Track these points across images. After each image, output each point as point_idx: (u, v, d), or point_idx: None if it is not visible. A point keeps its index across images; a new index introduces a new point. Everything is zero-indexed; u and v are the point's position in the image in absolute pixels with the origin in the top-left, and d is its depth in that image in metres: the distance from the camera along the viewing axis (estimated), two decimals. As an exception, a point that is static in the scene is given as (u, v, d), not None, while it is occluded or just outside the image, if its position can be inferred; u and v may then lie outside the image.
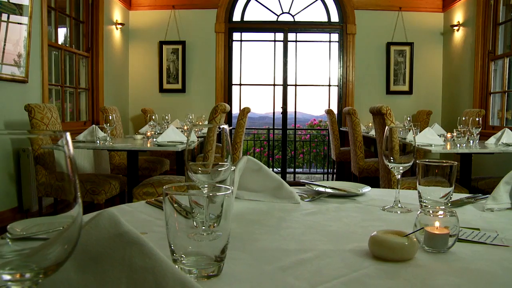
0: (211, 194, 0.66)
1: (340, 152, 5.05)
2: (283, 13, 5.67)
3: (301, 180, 1.30)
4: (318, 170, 6.74)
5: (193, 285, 0.44)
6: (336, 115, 5.33)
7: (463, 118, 3.08)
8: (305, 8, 5.66)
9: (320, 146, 6.99)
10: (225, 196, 0.63)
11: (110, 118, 2.91)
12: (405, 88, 5.60)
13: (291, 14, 5.67)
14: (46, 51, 3.79)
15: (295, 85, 5.75)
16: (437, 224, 0.74)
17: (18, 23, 3.35)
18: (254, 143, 7.11)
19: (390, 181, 2.93)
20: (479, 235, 0.84)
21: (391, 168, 1.05)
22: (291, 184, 1.16)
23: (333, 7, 5.60)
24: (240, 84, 5.79)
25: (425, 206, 1.06)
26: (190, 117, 4.38)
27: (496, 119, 4.65)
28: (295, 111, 5.78)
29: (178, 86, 5.63)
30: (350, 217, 0.97)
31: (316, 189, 1.22)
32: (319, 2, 5.63)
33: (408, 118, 4.05)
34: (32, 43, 3.51)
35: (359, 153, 4.02)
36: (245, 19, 5.67)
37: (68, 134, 0.37)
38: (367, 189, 1.25)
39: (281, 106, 5.72)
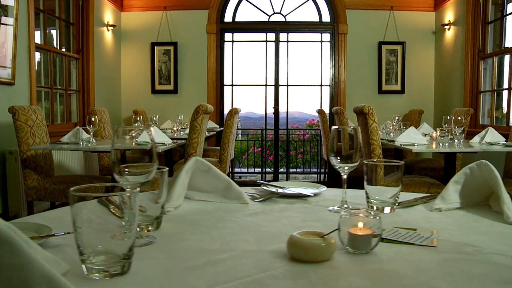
0: (112, 194, 0.66)
1: (331, 152, 5.03)
2: (274, 13, 5.67)
3: (258, 181, 1.30)
4: (312, 170, 6.73)
5: (60, 281, 0.45)
6: (328, 115, 5.32)
7: (448, 117, 3.07)
8: (296, 8, 5.65)
9: (317, 146, 6.98)
10: (131, 196, 0.63)
11: (93, 119, 2.91)
12: (397, 87, 5.58)
13: (282, 14, 5.67)
14: (34, 53, 3.80)
15: (287, 85, 5.74)
16: (360, 225, 0.74)
17: (4, 24, 3.36)
18: (248, 144, 7.11)
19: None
20: (412, 236, 0.83)
21: (338, 168, 1.04)
22: (243, 184, 1.16)
23: (325, 7, 5.60)
24: (232, 85, 5.79)
25: (371, 206, 1.06)
26: (179, 117, 4.38)
27: (487, 118, 4.63)
28: (287, 111, 5.78)
29: (170, 87, 5.63)
30: (291, 217, 0.97)
31: (270, 189, 1.22)
32: (310, 2, 5.62)
33: (397, 117, 4.03)
34: (18, 45, 3.52)
35: (347, 153, 4.00)
36: (237, 19, 5.68)
37: None
38: (322, 189, 1.25)
39: (273, 106, 5.72)
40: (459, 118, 2.89)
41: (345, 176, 1.04)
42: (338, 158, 1.03)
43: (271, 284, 0.58)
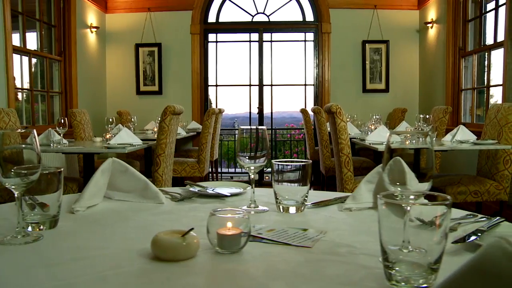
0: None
1: (314, 151, 5.04)
2: (258, 13, 5.68)
3: (185, 181, 1.31)
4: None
5: None
6: (312, 115, 5.33)
7: (421, 116, 3.07)
8: (279, 8, 5.66)
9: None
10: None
11: (62, 121, 2.94)
12: (382, 86, 5.58)
13: (266, 14, 5.68)
14: (11, 55, 3.82)
15: (271, 85, 5.76)
16: (229, 224, 0.75)
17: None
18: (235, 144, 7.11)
19: (341, 180, 2.93)
20: (296, 236, 0.83)
21: (246, 168, 1.06)
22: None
23: (308, 6, 5.60)
24: (216, 85, 5.81)
25: (278, 206, 1.07)
26: (159, 118, 4.39)
27: (468, 116, 4.63)
28: (271, 111, 5.79)
29: (155, 88, 5.66)
30: (195, 217, 0.98)
31: (194, 189, 1.23)
32: (294, 2, 5.63)
33: (375, 116, 4.02)
34: (-6, 48, 3.55)
35: (325, 152, 4.01)
36: (220, 20, 5.69)
37: None
38: (247, 189, 1.26)
39: (257, 106, 5.73)
40: (427, 116, 2.90)
41: (252, 176, 1.05)
42: (247, 158, 1.05)
43: (111, 281, 0.60)
